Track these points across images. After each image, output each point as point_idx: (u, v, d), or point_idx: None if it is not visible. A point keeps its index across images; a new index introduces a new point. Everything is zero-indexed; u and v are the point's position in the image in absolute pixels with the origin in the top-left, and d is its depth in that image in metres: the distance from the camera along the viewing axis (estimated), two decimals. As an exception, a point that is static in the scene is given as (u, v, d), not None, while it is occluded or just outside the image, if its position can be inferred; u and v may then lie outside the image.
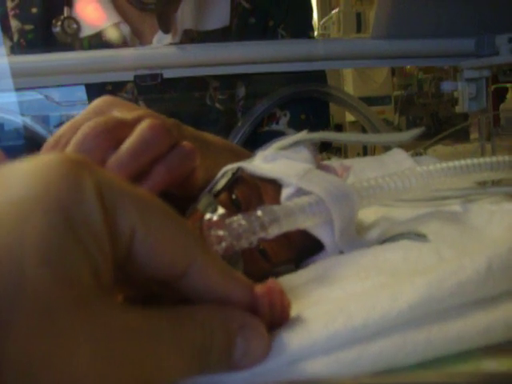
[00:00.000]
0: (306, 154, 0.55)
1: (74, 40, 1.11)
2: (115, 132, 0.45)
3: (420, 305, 0.31)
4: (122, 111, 0.50)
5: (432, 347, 0.31)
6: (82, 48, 1.13)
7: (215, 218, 0.43)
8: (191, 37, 1.13)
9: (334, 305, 0.33)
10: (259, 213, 0.42)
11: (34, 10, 1.13)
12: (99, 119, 0.45)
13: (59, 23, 1.08)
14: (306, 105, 1.22)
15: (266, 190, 0.51)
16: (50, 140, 0.48)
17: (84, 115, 0.50)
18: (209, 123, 1.16)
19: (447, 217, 0.52)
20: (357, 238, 0.49)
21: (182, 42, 1.10)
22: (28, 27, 1.13)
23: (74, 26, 1.09)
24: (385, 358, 0.30)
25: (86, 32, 1.12)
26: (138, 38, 1.14)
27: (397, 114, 3.17)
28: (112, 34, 1.11)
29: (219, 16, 1.15)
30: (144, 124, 0.46)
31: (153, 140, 0.45)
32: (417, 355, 0.31)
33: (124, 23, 1.11)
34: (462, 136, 1.93)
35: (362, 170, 0.82)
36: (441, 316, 0.32)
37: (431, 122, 3.36)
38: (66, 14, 1.10)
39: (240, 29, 1.17)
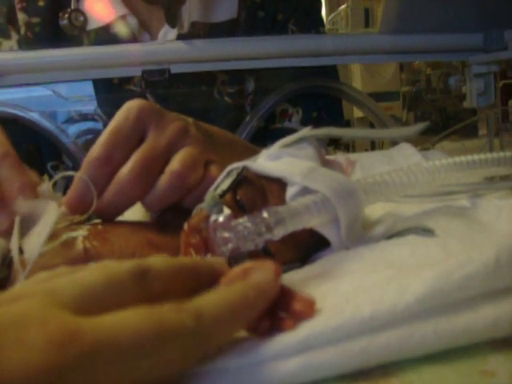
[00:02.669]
0: (310, 151, 0.54)
1: (81, 33, 1.11)
2: (151, 173, 0.50)
3: (428, 297, 0.31)
4: (157, 128, 0.52)
5: (439, 339, 0.31)
6: (89, 41, 1.13)
7: (221, 219, 0.43)
8: (198, 29, 1.13)
9: (341, 298, 0.34)
10: (265, 214, 0.41)
11: (41, 3, 1.13)
12: (136, 161, 0.49)
13: (66, 16, 1.08)
14: (319, 102, 1.22)
15: (271, 189, 0.51)
16: (97, 153, 0.49)
17: (122, 125, 0.51)
18: (217, 117, 1.16)
19: (455, 212, 0.52)
20: (363, 234, 0.49)
21: (189, 34, 1.10)
22: (35, 20, 1.13)
23: (81, 18, 1.09)
24: (392, 349, 0.30)
25: (93, 25, 1.12)
26: (145, 30, 1.13)
27: (405, 110, 3.16)
28: (119, 27, 1.11)
29: (227, 8, 1.15)
30: (176, 164, 0.50)
31: (185, 181, 0.50)
32: (424, 347, 0.31)
33: (131, 16, 1.11)
34: (471, 132, 1.92)
35: (371, 165, 0.82)
36: (448, 308, 0.32)
37: (439, 118, 3.34)
38: (73, 7, 1.09)
39: (248, 22, 1.16)
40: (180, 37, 1.10)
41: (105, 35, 1.11)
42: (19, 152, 0.49)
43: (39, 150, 1.19)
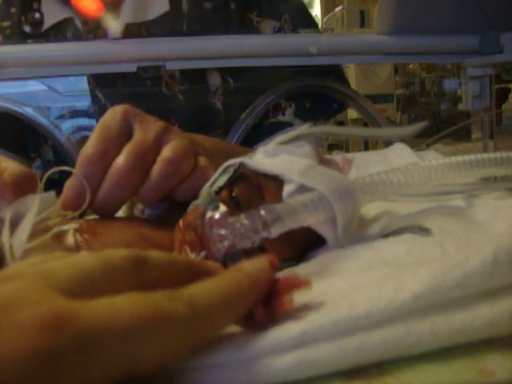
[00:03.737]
0: (307, 149, 0.54)
1: (38, 30, 1.13)
2: (144, 162, 0.50)
3: (425, 295, 0.31)
4: (143, 125, 0.53)
5: (436, 338, 0.30)
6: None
7: (217, 216, 0.42)
8: (133, 29, 1.13)
9: (338, 295, 0.33)
10: (262, 212, 0.41)
11: (13, 10, 1.16)
12: (128, 152, 0.50)
13: (26, 19, 1.13)
14: (311, 94, 1.22)
15: (268, 186, 0.51)
16: (92, 149, 0.50)
17: (110, 123, 0.52)
18: (177, 115, 1.15)
19: (451, 212, 0.52)
20: (359, 233, 0.49)
21: (125, 36, 1.11)
22: (5, 24, 1.16)
23: (37, 15, 1.12)
24: (388, 347, 0.30)
25: (47, 22, 1.14)
26: (92, 32, 1.15)
27: (399, 113, 3.17)
28: (68, 26, 1.14)
29: (156, 3, 1.13)
30: (167, 152, 0.51)
31: (178, 167, 0.51)
32: (421, 345, 0.30)
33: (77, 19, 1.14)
34: (464, 135, 1.92)
35: (365, 165, 0.82)
36: (446, 307, 0.31)
37: (433, 121, 3.35)
38: (35, 6, 1.14)
39: (194, 14, 1.14)
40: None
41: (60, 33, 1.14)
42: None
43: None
